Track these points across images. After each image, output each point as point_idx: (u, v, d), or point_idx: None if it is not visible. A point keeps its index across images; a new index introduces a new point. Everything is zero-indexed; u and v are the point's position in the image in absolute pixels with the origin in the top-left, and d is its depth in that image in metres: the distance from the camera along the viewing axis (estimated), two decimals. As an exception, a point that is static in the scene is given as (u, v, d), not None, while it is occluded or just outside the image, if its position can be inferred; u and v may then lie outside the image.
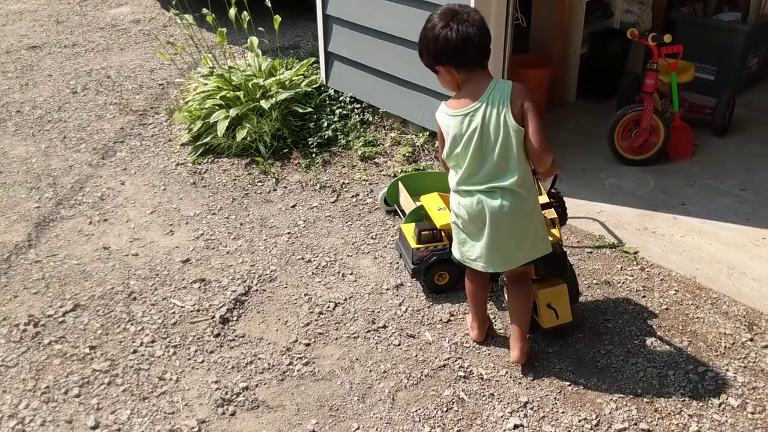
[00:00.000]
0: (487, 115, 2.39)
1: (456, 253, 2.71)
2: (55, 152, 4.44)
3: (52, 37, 6.38)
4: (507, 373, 2.75)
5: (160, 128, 4.70)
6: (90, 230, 3.67)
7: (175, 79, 5.38)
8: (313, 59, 4.85)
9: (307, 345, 2.90)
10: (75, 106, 5.04)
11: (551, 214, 2.88)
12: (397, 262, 3.38)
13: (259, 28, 4.68)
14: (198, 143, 4.33)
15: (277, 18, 4.50)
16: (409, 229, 3.21)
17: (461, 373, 2.74)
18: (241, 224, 3.71)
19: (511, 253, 2.58)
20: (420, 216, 3.30)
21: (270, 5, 4.47)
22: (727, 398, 2.62)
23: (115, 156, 4.38)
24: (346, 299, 3.15)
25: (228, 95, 4.35)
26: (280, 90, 4.41)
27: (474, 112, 2.40)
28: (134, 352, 2.88)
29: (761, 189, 3.94)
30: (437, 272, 3.08)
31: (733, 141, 4.45)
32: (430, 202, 3.20)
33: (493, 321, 2.98)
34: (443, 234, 3.12)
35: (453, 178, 2.57)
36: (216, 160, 4.28)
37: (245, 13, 4.39)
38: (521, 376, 2.73)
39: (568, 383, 2.69)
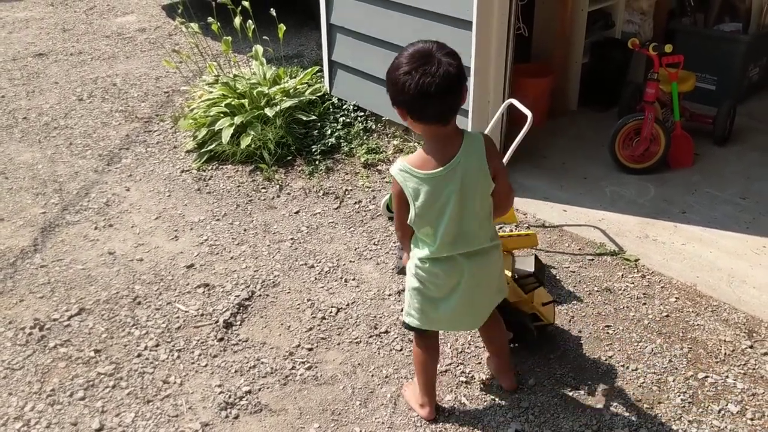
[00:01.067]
0: (466, 177, 2.17)
1: (416, 320, 2.42)
2: (61, 158, 4.48)
3: (59, 45, 6.44)
4: (508, 378, 2.77)
5: (165, 135, 4.74)
6: (95, 235, 3.70)
7: (180, 87, 5.43)
8: (316, 68, 4.89)
9: (310, 350, 2.93)
10: (81, 113, 5.09)
11: (546, 295, 2.86)
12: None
13: (264, 37, 4.73)
14: (203, 150, 4.37)
15: (282, 27, 4.55)
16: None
17: (463, 379, 2.77)
18: (245, 230, 3.74)
19: (483, 308, 2.46)
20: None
21: (275, 14, 4.52)
22: (726, 404, 2.63)
23: (121, 162, 4.42)
24: (348, 304, 3.18)
25: (233, 103, 4.39)
26: (285, 98, 4.45)
27: (450, 174, 2.16)
28: (138, 355, 2.90)
29: (761, 198, 3.96)
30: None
31: (734, 150, 4.47)
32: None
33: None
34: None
35: (421, 246, 2.31)
36: (220, 166, 4.31)
37: (250, 21, 4.44)
38: (522, 381, 2.75)
39: (569, 389, 2.72)
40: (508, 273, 2.75)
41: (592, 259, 3.47)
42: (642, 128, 4.11)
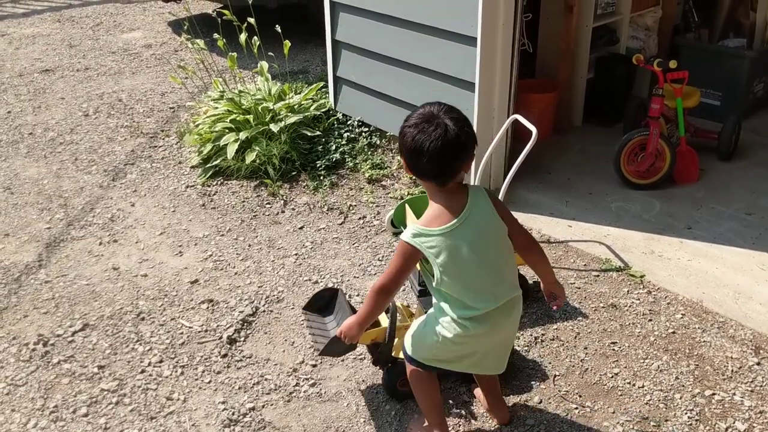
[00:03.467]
0: (480, 223, 2.18)
1: (431, 363, 2.38)
2: (66, 174, 4.49)
3: (65, 61, 6.48)
4: (514, 396, 2.75)
5: (171, 151, 4.75)
6: (100, 251, 3.71)
7: (186, 102, 5.45)
8: (321, 84, 4.91)
9: (314, 366, 2.91)
10: (87, 128, 5.11)
11: None
12: (404, 284, 3.38)
13: (269, 53, 4.75)
14: (208, 165, 4.38)
15: (287, 43, 4.57)
16: (416, 252, 3.22)
17: (467, 397, 2.75)
18: (250, 245, 3.74)
19: (507, 354, 2.44)
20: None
21: (280, 31, 4.54)
22: (734, 422, 2.61)
23: (126, 178, 4.43)
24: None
25: (238, 118, 4.40)
26: (289, 114, 4.46)
27: (465, 225, 2.16)
28: (142, 372, 2.89)
29: (767, 213, 3.95)
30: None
31: (739, 165, 4.46)
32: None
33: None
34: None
35: (454, 305, 2.24)
36: (225, 182, 4.32)
37: (256, 38, 4.46)
38: (528, 399, 2.73)
39: (575, 406, 2.70)
40: None
41: (598, 275, 3.45)
42: (647, 144, 4.10)
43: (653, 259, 3.56)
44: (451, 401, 2.72)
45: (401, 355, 2.71)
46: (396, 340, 2.69)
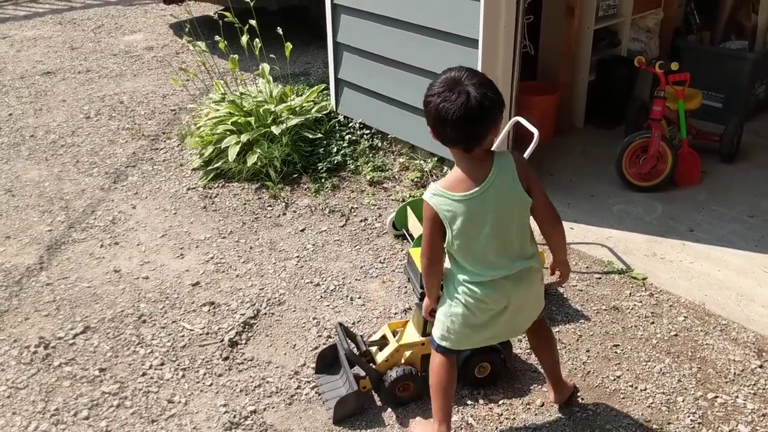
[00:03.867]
0: (501, 196, 2.19)
1: (454, 343, 2.39)
2: (67, 176, 4.49)
3: (66, 63, 6.48)
4: (516, 399, 2.74)
5: (172, 153, 4.75)
6: (101, 253, 3.70)
7: (187, 104, 5.45)
8: (323, 86, 4.91)
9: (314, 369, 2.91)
10: (88, 130, 5.11)
11: None
12: (405, 287, 3.39)
13: (271, 55, 4.75)
14: (209, 168, 4.37)
15: (289, 45, 4.57)
16: (418, 254, 3.21)
17: (470, 400, 2.74)
18: (251, 248, 3.73)
19: (525, 324, 2.46)
20: (429, 241, 3.30)
21: (281, 33, 4.54)
22: (737, 425, 2.60)
23: (127, 180, 4.43)
24: (354, 323, 3.16)
25: (239, 121, 4.40)
26: (291, 116, 4.46)
27: (485, 194, 2.18)
28: (143, 374, 2.89)
29: (769, 215, 3.95)
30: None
31: (741, 168, 4.46)
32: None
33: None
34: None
35: (462, 271, 2.29)
36: (226, 184, 4.32)
37: (257, 40, 4.46)
38: (530, 401, 2.72)
39: (578, 409, 2.69)
40: None
41: (600, 278, 3.44)
42: (649, 146, 4.10)
43: (655, 262, 3.56)
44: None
45: (402, 360, 2.72)
46: (395, 352, 2.70)
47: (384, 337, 2.80)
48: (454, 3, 3.78)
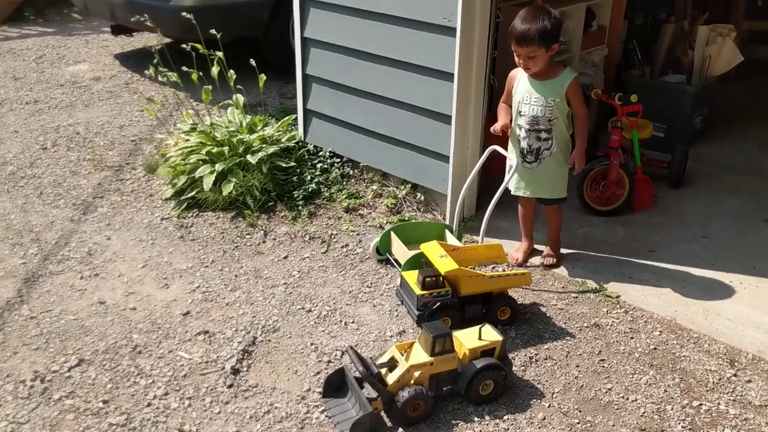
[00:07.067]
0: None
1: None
2: (33, 208, 4.39)
3: (12, 94, 6.31)
4: (519, 414, 2.87)
5: (139, 183, 4.71)
6: (82, 285, 3.64)
7: (146, 135, 5.41)
8: (293, 116, 4.98)
9: (321, 393, 2.96)
10: (47, 162, 5.00)
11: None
12: (397, 310, 3.48)
13: (238, 86, 4.78)
14: (182, 198, 4.36)
15: (263, 77, 4.65)
16: (412, 277, 3.32)
17: (476, 417, 2.85)
18: (236, 276, 3.75)
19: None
20: (420, 263, 3.42)
21: (255, 64, 4.61)
22: (724, 429, 2.81)
23: (97, 211, 4.36)
24: (351, 347, 3.22)
25: (213, 150, 4.42)
26: (264, 145, 4.51)
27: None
28: (148, 405, 2.87)
29: (720, 235, 4.25)
30: (441, 317, 3.19)
31: (689, 192, 4.78)
32: (432, 249, 3.33)
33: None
34: (446, 281, 3.25)
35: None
36: (201, 214, 4.31)
37: (231, 71, 4.51)
38: (532, 416, 2.86)
39: (577, 421, 2.84)
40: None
41: (577, 297, 3.64)
42: (609, 173, 4.36)
43: (624, 281, 3.78)
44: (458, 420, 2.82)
45: (412, 381, 2.81)
46: (405, 373, 2.78)
47: (392, 359, 2.88)
48: (430, 38, 3.94)
